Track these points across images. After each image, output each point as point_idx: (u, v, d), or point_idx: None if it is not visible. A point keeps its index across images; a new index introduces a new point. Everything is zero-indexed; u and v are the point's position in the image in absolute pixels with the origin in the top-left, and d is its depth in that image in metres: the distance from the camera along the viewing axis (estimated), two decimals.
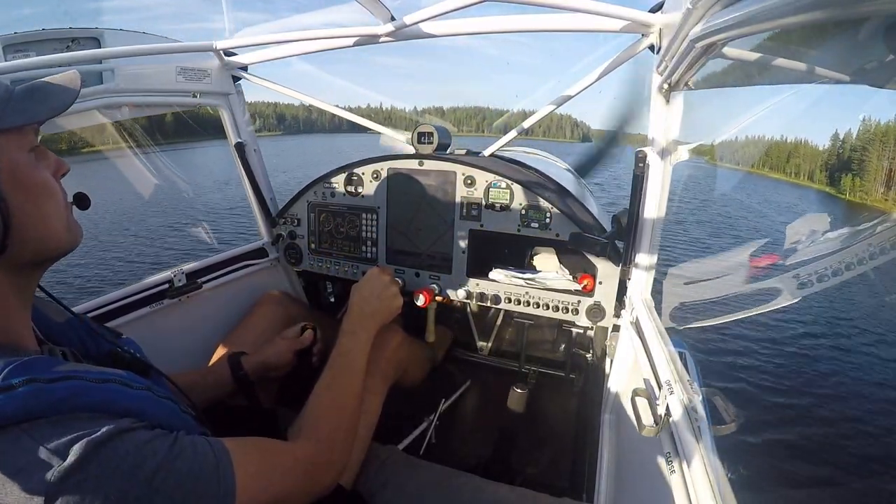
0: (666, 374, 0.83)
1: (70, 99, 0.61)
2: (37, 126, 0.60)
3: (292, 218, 1.65)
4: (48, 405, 0.49)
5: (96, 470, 0.48)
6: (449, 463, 1.18)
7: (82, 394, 0.53)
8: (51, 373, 0.52)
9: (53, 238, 0.59)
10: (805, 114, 0.85)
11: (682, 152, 1.02)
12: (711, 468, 0.63)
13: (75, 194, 0.69)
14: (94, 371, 0.57)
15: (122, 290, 1.29)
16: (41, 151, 0.60)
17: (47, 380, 0.50)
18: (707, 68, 0.79)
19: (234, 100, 1.52)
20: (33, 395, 0.49)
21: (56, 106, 0.60)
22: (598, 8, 0.96)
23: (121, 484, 0.49)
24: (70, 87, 0.62)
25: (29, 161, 0.57)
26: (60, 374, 0.52)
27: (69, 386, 0.52)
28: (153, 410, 0.60)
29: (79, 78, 0.63)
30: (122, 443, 0.51)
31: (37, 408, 0.49)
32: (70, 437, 0.48)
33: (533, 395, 1.74)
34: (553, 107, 1.36)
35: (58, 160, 0.63)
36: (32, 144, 0.58)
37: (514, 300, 1.39)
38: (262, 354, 1.21)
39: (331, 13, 1.25)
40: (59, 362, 0.57)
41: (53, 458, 0.47)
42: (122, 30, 1.19)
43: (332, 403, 0.94)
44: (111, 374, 0.59)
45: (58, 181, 0.62)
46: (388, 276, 1.24)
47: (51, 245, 0.59)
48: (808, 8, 0.36)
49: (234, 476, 0.60)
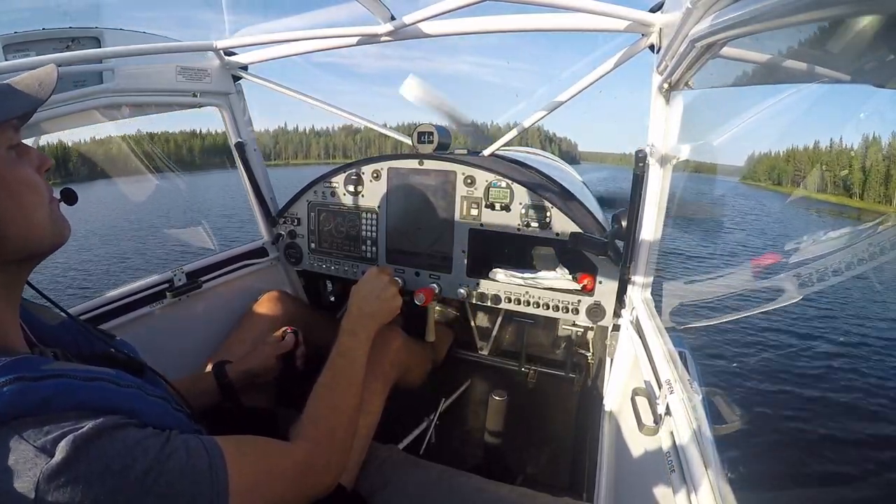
0: (666, 374, 0.83)
1: (45, 94, 0.60)
2: (16, 122, 0.59)
3: (292, 217, 1.65)
4: (35, 403, 0.49)
5: (85, 468, 0.47)
6: (449, 463, 1.18)
7: (70, 392, 0.52)
8: (38, 371, 0.51)
9: (37, 233, 0.59)
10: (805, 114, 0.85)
11: (681, 152, 1.02)
12: (711, 468, 0.63)
13: (62, 190, 0.68)
14: (83, 370, 0.57)
15: (123, 289, 1.29)
16: (23, 148, 0.60)
17: (34, 378, 0.50)
18: (707, 68, 0.78)
19: (234, 99, 1.52)
20: (19, 394, 0.48)
21: (31, 100, 0.59)
22: (598, 7, 0.96)
23: (111, 483, 0.49)
24: (46, 80, 0.61)
25: (9, 158, 0.56)
26: (48, 372, 0.52)
27: (56, 384, 0.51)
28: (143, 408, 0.59)
29: (55, 72, 0.62)
30: (111, 441, 0.51)
31: (23, 406, 0.48)
32: (56, 434, 0.48)
33: (533, 396, 1.74)
34: (553, 107, 1.36)
35: (40, 156, 0.62)
36: (12, 142, 0.58)
37: (514, 300, 1.39)
38: (246, 362, 1.20)
39: (331, 13, 1.25)
40: (47, 362, 0.56)
41: (41, 456, 0.46)
42: (122, 29, 1.19)
43: (331, 404, 0.94)
44: (100, 372, 0.58)
45: (41, 177, 0.61)
46: (387, 276, 1.24)
47: (34, 241, 0.59)
48: (808, 8, 0.36)
49: (227, 476, 0.59)
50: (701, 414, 0.72)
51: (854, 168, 43.70)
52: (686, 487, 0.63)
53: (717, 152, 0.96)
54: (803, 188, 17.43)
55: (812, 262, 0.85)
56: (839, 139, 67.26)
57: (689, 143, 1.02)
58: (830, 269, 0.81)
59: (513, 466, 1.40)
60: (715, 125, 0.98)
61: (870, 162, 47.86)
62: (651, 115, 1.05)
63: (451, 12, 1.02)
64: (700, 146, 1.03)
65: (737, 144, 0.90)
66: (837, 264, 0.80)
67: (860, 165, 44.33)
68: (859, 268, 0.77)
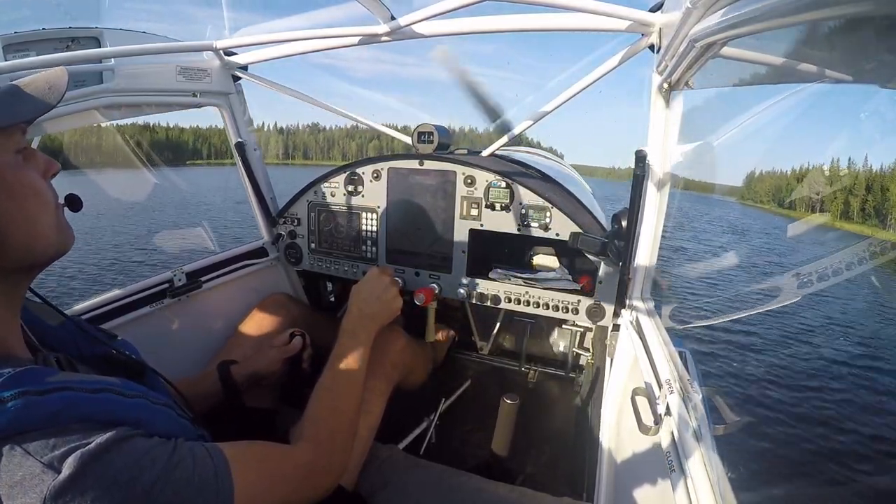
0: (666, 374, 0.83)
1: (55, 97, 0.58)
2: (24, 126, 0.58)
3: (292, 217, 1.65)
4: (40, 418, 0.48)
5: (92, 483, 0.47)
6: (449, 463, 1.18)
7: (75, 405, 0.51)
8: (42, 384, 0.50)
9: (42, 241, 0.57)
10: (805, 114, 0.85)
11: (681, 152, 1.02)
12: (711, 467, 0.63)
13: (66, 196, 0.66)
14: (88, 381, 0.56)
15: (123, 289, 1.29)
16: (29, 152, 0.58)
17: (38, 392, 0.49)
18: (707, 68, 0.78)
19: (234, 99, 1.52)
20: (24, 409, 0.47)
21: (41, 105, 0.57)
22: (598, 7, 0.96)
23: (118, 495, 0.48)
24: (57, 84, 0.60)
25: (15, 162, 0.55)
26: (52, 385, 0.51)
27: (61, 398, 0.50)
28: (149, 418, 0.58)
29: (66, 75, 0.61)
30: (118, 454, 0.50)
31: (29, 421, 0.48)
32: (63, 449, 0.47)
33: (533, 396, 1.74)
34: (552, 107, 1.36)
35: (47, 160, 0.60)
36: (19, 145, 0.56)
37: (515, 300, 1.39)
38: (251, 364, 1.19)
39: (331, 13, 1.25)
40: (51, 373, 0.55)
41: (48, 472, 0.46)
42: (122, 29, 1.19)
43: (332, 405, 0.94)
44: (105, 382, 0.57)
45: (47, 182, 0.60)
46: (387, 276, 1.24)
47: (39, 248, 0.57)
48: (808, 8, 0.36)
49: (232, 484, 0.60)
50: (701, 414, 0.72)
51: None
52: (686, 487, 0.63)
53: (717, 152, 0.96)
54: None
55: (812, 261, 0.85)
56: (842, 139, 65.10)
57: (690, 142, 1.02)
58: (831, 269, 0.81)
59: (513, 466, 1.40)
60: (715, 125, 0.98)
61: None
62: (651, 115, 1.05)
63: (451, 12, 1.02)
64: (700, 146, 1.03)
65: (736, 145, 0.90)
66: (837, 264, 0.80)
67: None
68: (859, 268, 0.77)
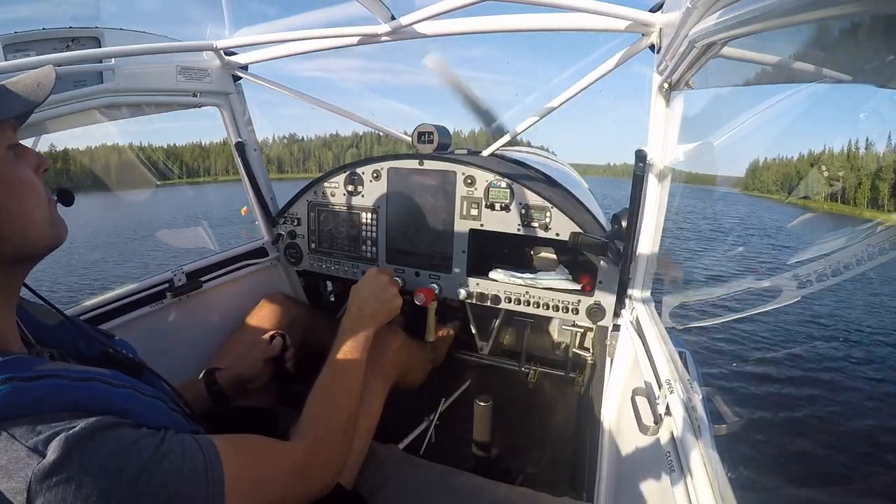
0: (666, 374, 0.83)
1: (43, 94, 0.60)
2: (14, 123, 0.59)
3: (292, 217, 1.65)
4: (26, 403, 0.49)
5: (77, 468, 0.47)
6: (449, 463, 1.18)
7: (62, 392, 0.52)
8: (31, 371, 0.51)
9: (35, 233, 0.59)
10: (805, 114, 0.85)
11: (681, 152, 1.02)
12: (711, 467, 0.63)
13: (58, 190, 0.68)
14: (76, 370, 0.57)
15: (123, 289, 1.29)
16: (21, 149, 0.60)
17: (26, 378, 0.50)
18: (707, 68, 0.78)
19: (234, 99, 1.52)
20: (11, 394, 0.48)
21: (28, 102, 0.59)
22: (598, 7, 0.96)
23: (104, 483, 0.48)
24: (44, 82, 0.61)
25: (6, 157, 0.56)
26: (40, 372, 0.52)
27: (48, 384, 0.51)
28: (138, 409, 0.58)
29: (53, 73, 0.63)
30: (104, 441, 0.50)
31: (15, 406, 0.48)
32: (47, 433, 0.48)
33: (533, 395, 1.74)
34: (553, 106, 1.36)
35: (39, 156, 0.62)
36: (10, 142, 0.58)
37: (514, 300, 1.39)
38: (234, 368, 1.20)
39: (331, 13, 1.25)
40: (41, 362, 0.56)
41: (32, 457, 0.46)
42: (123, 29, 1.19)
43: (330, 403, 0.94)
44: (94, 372, 0.58)
45: (39, 177, 0.61)
46: (387, 276, 1.24)
47: (32, 241, 0.59)
48: (808, 8, 0.36)
49: (223, 476, 0.59)
50: (701, 414, 0.72)
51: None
52: (686, 487, 0.63)
53: (718, 153, 0.96)
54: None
55: (812, 261, 0.85)
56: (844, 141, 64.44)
57: (689, 143, 1.02)
58: (830, 270, 0.81)
59: (513, 466, 1.40)
60: (715, 125, 0.98)
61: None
62: (651, 114, 1.05)
63: (451, 12, 1.02)
64: (700, 146, 1.03)
65: (736, 145, 0.90)
66: (837, 264, 0.81)
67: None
68: (859, 268, 0.77)
